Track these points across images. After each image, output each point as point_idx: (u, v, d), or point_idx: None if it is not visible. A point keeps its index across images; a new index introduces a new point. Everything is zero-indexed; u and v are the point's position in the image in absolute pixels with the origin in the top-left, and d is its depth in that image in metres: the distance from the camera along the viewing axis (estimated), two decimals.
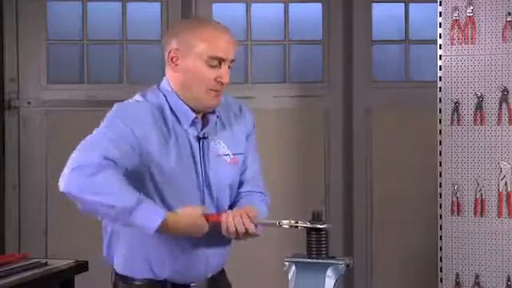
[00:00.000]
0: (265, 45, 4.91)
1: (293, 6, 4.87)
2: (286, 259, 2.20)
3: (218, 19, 5.04)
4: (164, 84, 2.48)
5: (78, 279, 3.49)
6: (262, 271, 4.61)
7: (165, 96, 2.44)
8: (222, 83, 2.42)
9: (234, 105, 2.60)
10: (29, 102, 4.80)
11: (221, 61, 2.41)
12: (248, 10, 4.86)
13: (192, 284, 2.45)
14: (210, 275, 2.50)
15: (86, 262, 3.49)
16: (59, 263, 3.39)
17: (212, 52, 2.38)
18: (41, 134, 4.78)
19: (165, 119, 2.40)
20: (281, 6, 4.87)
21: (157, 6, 4.83)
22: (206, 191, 2.44)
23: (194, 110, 2.43)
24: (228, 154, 2.48)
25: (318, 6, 4.87)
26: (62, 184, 2.32)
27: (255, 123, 2.65)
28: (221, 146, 2.48)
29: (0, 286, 2.98)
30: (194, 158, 2.42)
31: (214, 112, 2.47)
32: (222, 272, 2.61)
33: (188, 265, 2.44)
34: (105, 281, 4.56)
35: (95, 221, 4.42)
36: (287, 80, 4.89)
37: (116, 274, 2.53)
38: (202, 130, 2.45)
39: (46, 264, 3.33)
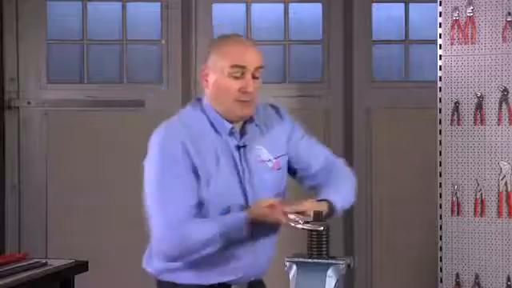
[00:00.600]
0: (265, 45, 4.90)
1: (293, 6, 4.87)
2: (286, 259, 2.20)
3: (218, 19, 5.08)
4: (204, 99, 2.60)
5: (78, 279, 3.48)
6: None
7: (204, 110, 2.56)
8: (248, 92, 2.49)
9: (270, 109, 2.69)
10: (29, 102, 4.80)
11: (243, 70, 2.49)
12: (248, 10, 4.86)
13: (233, 286, 2.54)
14: (252, 278, 2.59)
15: (86, 262, 3.49)
16: (59, 263, 3.38)
17: (232, 62, 2.49)
18: (41, 134, 4.78)
19: (204, 132, 2.52)
20: (281, 6, 4.87)
21: (157, 6, 4.83)
22: (249, 197, 2.52)
23: (230, 121, 2.54)
24: (270, 160, 2.58)
25: (318, 6, 4.88)
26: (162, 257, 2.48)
27: (293, 120, 2.76)
28: (263, 152, 2.57)
29: (0, 286, 2.98)
30: (236, 166, 2.52)
31: (251, 121, 2.57)
32: (261, 283, 2.68)
33: (236, 268, 2.53)
34: (105, 281, 4.57)
35: (95, 221, 4.42)
36: (287, 80, 4.89)
37: (160, 281, 2.59)
38: (241, 139, 2.55)
39: (46, 264, 3.33)
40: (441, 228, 3.68)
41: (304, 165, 2.68)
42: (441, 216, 3.68)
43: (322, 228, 2.17)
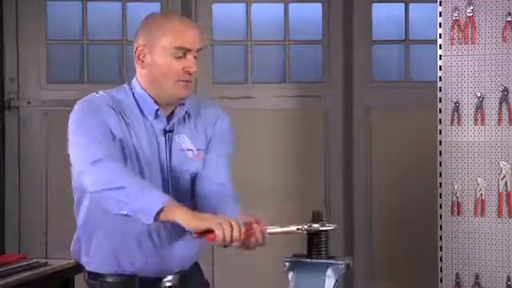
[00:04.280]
0: (265, 45, 4.91)
1: (293, 6, 4.87)
2: (285, 259, 2.20)
3: (218, 19, 5.09)
4: (133, 81, 2.53)
5: (78, 279, 3.48)
6: (262, 271, 4.61)
7: (132, 90, 2.49)
8: (190, 73, 2.42)
9: (209, 107, 2.60)
10: (29, 102, 4.80)
11: (186, 51, 2.41)
12: (248, 10, 4.86)
13: (165, 279, 2.45)
14: (177, 269, 2.49)
15: None
16: (59, 263, 3.38)
17: (177, 43, 2.41)
18: (41, 133, 4.78)
19: (128, 112, 2.44)
20: (281, 5, 4.87)
21: (157, 6, 4.83)
22: (170, 183, 2.45)
23: (158, 103, 2.46)
24: (192, 150, 2.50)
25: (318, 6, 4.87)
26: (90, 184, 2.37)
27: (227, 128, 2.60)
28: (185, 141, 2.50)
29: (0, 286, 2.98)
30: (159, 151, 2.45)
31: (183, 104, 2.49)
32: (196, 269, 2.61)
33: (155, 259, 2.45)
34: None
35: None
36: (287, 80, 4.89)
37: (87, 272, 2.54)
38: (168, 123, 2.48)
39: (45, 264, 3.33)
40: (441, 228, 3.68)
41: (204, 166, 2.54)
42: (441, 216, 3.68)
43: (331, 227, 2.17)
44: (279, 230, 2.30)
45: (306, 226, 2.21)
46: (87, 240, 2.51)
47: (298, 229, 2.23)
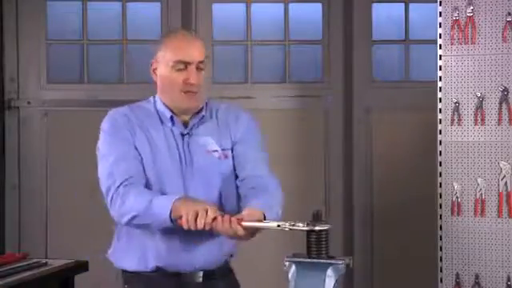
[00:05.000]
0: (265, 45, 4.91)
1: (293, 6, 4.87)
2: (285, 259, 2.21)
3: (218, 19, 5.09)
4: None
5: (78, 279, 3.48)
6: (262, 271, 4.61)
7: (154, 102, 2.77)
8: (191, 84, 2.66)
9: (229, 108, 2.83)
10: (29, 102, 4.80)
11: (186, 64, 2.66)
12: (248, 10, 4.86)
13: (182, 274, 2.64)
14: (198, 266, 2.66)
15: (86, 262, 3.49)
16: (59, 263, 3.39)
17: (177, 57, 2.66)
18: (41, 133, 4.78)
19: (148, 120, 2.71)
20: (281, 5, 4.87)
21: (157, 5, 4.83)
22: (190, 180, 2.65)
23: (173, 112, 2.70)
24: (217, 150, 2.70)
25: (318, 6, 4.87)
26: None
27: (253, 125, 2.81)
28: (209, 143, 2.70)
29: (0, 286, 2.98)
30: (178, 153, 2.66)
31: (200, 112, 2.73)
32: (225, 270, 2.76)
33: (179, 254, 2.63)
34: (105, 281, 4.56)
35: (95, 221, 4.41)
36: (287, 80, 4.89)
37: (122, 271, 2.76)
38: (185, 128, 2.70)
39: (46, 264, 3.33)
40: (441, 228, 3.68)
41: (238, 164, 2.74)
42: (441, 216, 3.68)
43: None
44: (257, 224, 2.40)
45: (287, 224, 2.26)
46: (117, 238, 2.75)
47: (278, 225, 2.30)
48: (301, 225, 2.23)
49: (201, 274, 2.66)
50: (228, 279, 2.76)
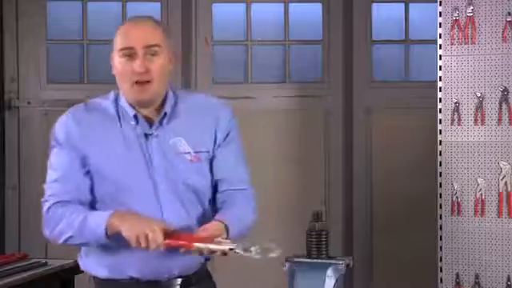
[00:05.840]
0: (265, 45, 4.91)
1: (293, 6, 4.87)
2: (286, 259, 2.21)
3: (218, 19, 5.08)
4: None
5: (78, 279, 3.48)
6: (262, 271, 4.61)
7: (116, 98, 2.49)
8: (135, 72, 2.36)
9: (212, 106, 2.52)
10: (29, 102, 4.80)
11: (131, 51, 2.39)
12: (248, 10, 4.86)
13: (161, 282, 2.44)
14: (176, 273, 2.45)
15: None
16: (59, 263, 3.39)
17: (121, 44, 2.42)
18: (41, 134, 4.77)
19: (106, 123, 2.44)
20: (281, 5, 4.87)
21: (157, 6, 4.83)
22: (160, 189, 2.40)
23: (134, 107, 2.42)
24: (189, 152, 2.42)
25: (318, 6, 4.87)
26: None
27: (235, 124, 2.53)
28: (181, 144, 2.42)
29: (0, 286, 2.98)
30: (143, 156, 2.40)
31: (162, 108, 2.42)
32: (202, 274, 2.55)
33: (154, 262, 2.40)
34: None
35: None
36: (287, 80, 4.89)
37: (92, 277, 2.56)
38: (151, 127, 2.42)
39: (45, 264, 3.34)
40: (441, 228, 3.68)
41: (217, 171, 2.49)
42: (441, 216, 3.68)
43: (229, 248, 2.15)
44: (210, 246, 2.24)
45: (240, 248, 2.17)
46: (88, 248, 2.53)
47: (230, 249, 2.19)
48: (253, 250, 2.16)
49: (179, 281, 2.44)
50: (206, 284, 2.55)
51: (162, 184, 2.39)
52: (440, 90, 3.68)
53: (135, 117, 2.41)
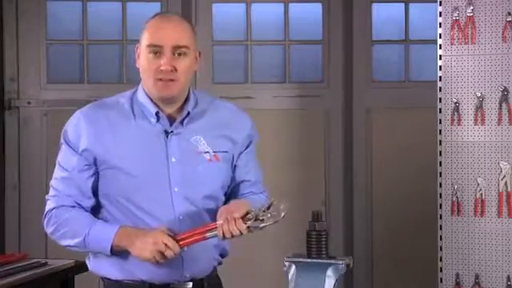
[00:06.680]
0: (265, 45, 4.91)
1: (293, 6, 4.87)
2: (285, 259, 2.21)
3: (218, 19, 5.08)
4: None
5: (78, 279, 3.48)
6: (262, 271, 4.61)
7: (134, 95, 2.51)
8: (162, 70, 2.38)
9: (235, 112, 2.60)
10: (29, 102, 4.80)
11: (159, 49, 2.40)
12: (248, 10, 4.86)
13: (171, 285, 2.46)
14: (187, 276, 2.46)
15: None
16: (59, 263, 3.39)
17: (150, 41, 2.41)
18: (41, 134, 4.78)
19: (122, 119, 2.46)
20: (281, 5, 4.87)
21: (157, 6, 4.83)
22: (177, 189, 2.43)
23: (157, 105, 2.45)
24: (208, 152, 2.45)
25: (318, 6, 4.87)
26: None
27: (254, 132, 2.63)
28: (200, 143, 2.46)
29: (0, 286, 2.98)
30: (164, 152, 2.42)
31: (185, 108, 2.46)
32: (213, 280, 2.57)
33: (163, 266, 2.41)
34: None
35: None
36: (287, 80, 4.89)
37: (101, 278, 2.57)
38: (171, 125, 2.45)
39: (46, 264, 3.33)
40: (441, 228, 3.68)
41: (238, 175, 2.56)
42: (441, 216, 3.68)
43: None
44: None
45: (254, 225, 2.28)
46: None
47: (247, 227, 2.30)
48: (265, 219, 2.26)
49: (190, 284, 2.45)
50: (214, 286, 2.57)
51: (176, 185, 2.42)
52: (440, 90, 3.68)
53: (157, 114, 2.43)
